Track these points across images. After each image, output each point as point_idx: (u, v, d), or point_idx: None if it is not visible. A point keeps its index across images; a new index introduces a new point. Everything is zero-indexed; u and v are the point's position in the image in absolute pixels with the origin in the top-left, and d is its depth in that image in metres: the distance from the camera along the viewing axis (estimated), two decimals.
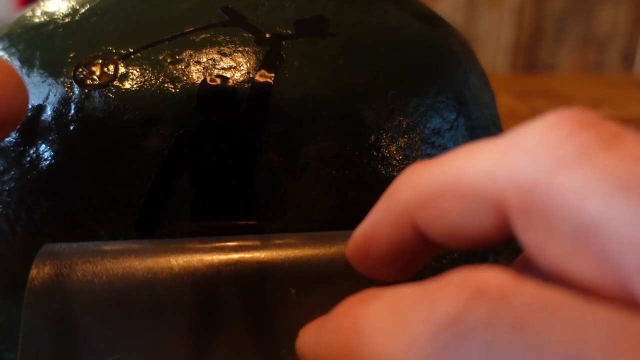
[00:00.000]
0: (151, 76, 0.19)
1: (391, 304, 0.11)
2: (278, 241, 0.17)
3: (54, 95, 0.19)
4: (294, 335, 0.15)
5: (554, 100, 0.69)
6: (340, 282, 0.16)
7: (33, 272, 0.16)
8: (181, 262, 0.17)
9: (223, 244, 0.17)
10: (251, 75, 0.18)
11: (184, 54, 0.19)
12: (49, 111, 0.19)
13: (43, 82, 0.19)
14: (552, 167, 0.10)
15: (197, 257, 0.17)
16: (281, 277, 0.16)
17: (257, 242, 0.17)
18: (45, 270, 0.16)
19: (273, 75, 0.18)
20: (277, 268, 0.16)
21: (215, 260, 0.17)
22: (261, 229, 0.18)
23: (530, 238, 0.10)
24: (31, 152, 0.19)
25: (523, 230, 0.11)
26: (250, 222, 0.18)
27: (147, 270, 0.17)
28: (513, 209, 0.11)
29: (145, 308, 0.16)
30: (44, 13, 0.22)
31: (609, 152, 0.10)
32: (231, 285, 0.16)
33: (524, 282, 0.10)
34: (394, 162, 0.19)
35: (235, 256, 0.17)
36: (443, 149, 0.21)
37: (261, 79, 0.18)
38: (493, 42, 0.83)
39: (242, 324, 0.16)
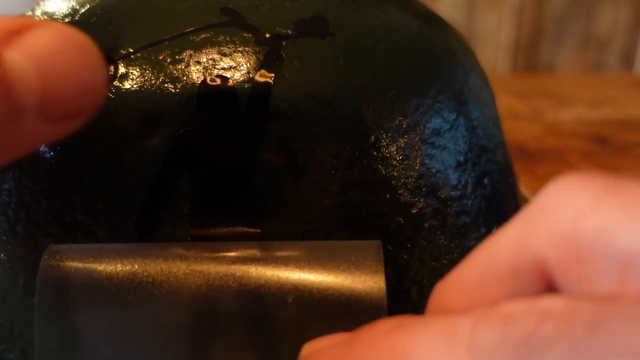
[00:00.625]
0: (151, 76, 0.19)
1: (448, 329, 0.11)
2: (279, 253, 0.17)
3: None
4: (293, 345, 0.15)
5: (554, 100, 0.69)
6: (339, 298, 0.16)
7: (42, 271, 0.16)
8: (180, 270, 0.17)
9: (223, 254, 0.17)
10: (251, 75, 0.18)
11: (184, 54, 0.19)
12: None
13: None
14: (575, 214, 0.11)
15: (197, 265, 0.17)
16: (281, 291, 0.16)
17: (257, 253, 0.17)
18: (53, 271, 0.17)
19: (273, 75, 0.18)
20: (277, 283, 0.16)
21: (214, 270, 0.17)
22: (261, 229, 0.18)
23: (577, 291, 0.11)
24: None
25: (568, 285, 0.11)
26: (251, 223, 0.18)
27: (147, 276, 0.17)
28: (553, 267, 0.11)
29: (145, 314, 0.16)
30: (44, 13, 0.22)
31: (621, 191, 0.11)
32: (230, 294, 0.16)
33: (583, 299, 0.10)
34: (394, 162, 0.19)
35: (235, 266, 0.17)
36: (443, 149, 0.21)
37: (261, 79, 0.18)
38: (493, 42, 0.83)
39: (240, 335, 0.16)
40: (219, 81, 0.18)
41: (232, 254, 0.17)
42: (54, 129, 0.12)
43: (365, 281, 0.16)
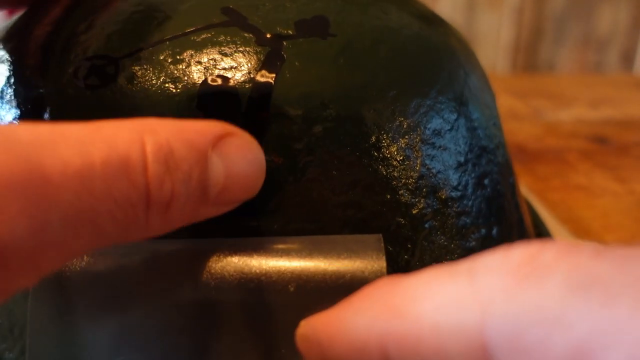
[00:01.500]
0: (151, 76, 0.19)
1: (448, 268, 0.11)
2: (280, 245, 0.17)
3: (54, 95, 0.19)
4: (293, 336, 0.15)
5: (554, 100, 0.69)
6: (341, 286, 0.16)
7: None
8: (180, 264, 0.17)
9: (223, 247, 0.17)
10: (252, 76, 0.18)
11: (185, 54, 0.19)
12: (49, 111, 0.19)
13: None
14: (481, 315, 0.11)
15: (196, 259, 0.17)
16: (282, 280, 0.16)
17: (258, 245, 0.17)
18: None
19: (274, 75, 0.18)
20: (278, 272, 0.16)
21: (214, 262, 0.17)
22: (261, 229, 0.18)
23: None
24: None
25: None
26: (251, 222, 0.18)
27: (146, 271, 0.17)
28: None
29: (144, 309, 0.16)
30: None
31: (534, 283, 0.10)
32: (231, 284, 0.16)
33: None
34: (395, 162, 0.19)
35: (235, 257, 0.17)
36: (443, 149, 0.21)
37: (262, 79, 0.18)
38: (493, 42, 0.83)
39: (241, 325, 0.16)
40: (220, 81, 0.18)
41: (232, 247, 0.17)
42: (219, 210, 0.16)
43: (366, 269, 0.16)
